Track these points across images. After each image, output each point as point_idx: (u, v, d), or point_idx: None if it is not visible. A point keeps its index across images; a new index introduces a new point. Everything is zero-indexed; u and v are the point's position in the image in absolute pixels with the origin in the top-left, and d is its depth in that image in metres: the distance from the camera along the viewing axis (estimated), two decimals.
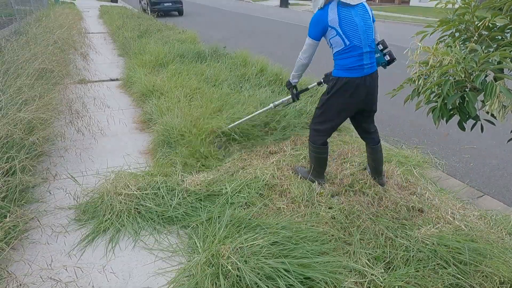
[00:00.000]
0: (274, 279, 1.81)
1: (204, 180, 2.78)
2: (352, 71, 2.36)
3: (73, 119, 3.86)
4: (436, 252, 2.06)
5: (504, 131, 4.01)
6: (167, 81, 4.82)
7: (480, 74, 1.38)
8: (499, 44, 1.50)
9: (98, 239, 2.31)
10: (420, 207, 2.55)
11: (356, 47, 2.32)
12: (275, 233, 2.14)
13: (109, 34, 10.46)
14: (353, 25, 2.29)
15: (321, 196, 2.66)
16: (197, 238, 2.25)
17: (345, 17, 2.27)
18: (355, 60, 2.34)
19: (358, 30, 2.30)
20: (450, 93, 1.46)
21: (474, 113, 1.47)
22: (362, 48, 2.33)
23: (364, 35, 2.33)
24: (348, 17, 2.28)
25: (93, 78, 5.80)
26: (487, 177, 3.31)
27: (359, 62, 2.35)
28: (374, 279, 1.92)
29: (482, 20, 1.53)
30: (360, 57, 2.34)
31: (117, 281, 2.01)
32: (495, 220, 2.46)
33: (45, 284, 1.96)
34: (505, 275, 1.90)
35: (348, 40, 2.30)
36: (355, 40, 2.31)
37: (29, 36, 6.09)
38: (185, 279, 1.95)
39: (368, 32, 2.35)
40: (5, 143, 2.71)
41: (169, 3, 16.31)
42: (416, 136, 4.14)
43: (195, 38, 8.30)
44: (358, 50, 2.33)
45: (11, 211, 2.28)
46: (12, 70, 3.99)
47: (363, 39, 2.33)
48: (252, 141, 3.47)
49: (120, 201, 2.51)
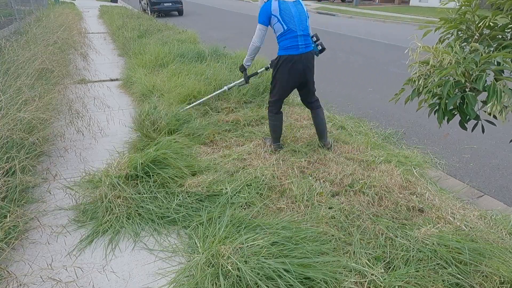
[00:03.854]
0: (274, 279, 1.81)
1: (205, 181, 2.79)
2: (290, 49, 3.00)
3: (73, 119, 3.86)
4: (436, 252, 2.06)
5: (504, 131, 4.01)
6: (167, 81, 4.82)
7: (480, 75, 1.38)
8: (500, 44, 1.50)
9: (98, 239, 2.31)
10: (420, 207, 2.55)
11: (291, 31, 2.97)
12: (275, 233, 2.14)
13: (109, 34, 10.46)
14: (289, 14, 2.96)
15: (321, 196, 2.66)
16: (197, 238, 2.25)
17: (284, 8, 2.95)
18: (292, 41, 2.99)
19: (294, 17, 2.97)
20: (451, 94, 1.46)
21: (473, 115, 1.47)
22: (297, 31, 2.98)
23: (298, 22, 2.98)
24: (286, 8, 2.95)
25: (93, 78, 5.80)
26: (487, 177, 3.30)
27: (295, 42, 3.00)
28: (374, 279, 1.92)
29: (483, 19, 1.53)
30: (295, 39, 2.99)
31: (117, 281, 2.01)
32: (495, 220, 2.46)
33: (45, 284, 1.96)
34: (505, 275, 1.90)
35: (286, 25, 2.96)
36: (291, 25, 2.96)
37: (29, 36, 6.09)
38: (185, 279, 1.95)
39: (302, 19, 3.02)
40: (5, 143, 2.71)
41: (169, 3, 16.31)
42: (416, 136, 4.14)
43: (195, 38, 8.30)
44: (293, 33, 2.98)
45: (11, 211, 2.28)
46: (12, 70, 3.99)
47: (298, 25, 2.98)
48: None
49: (119, 203, 2.51)
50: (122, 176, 2.72)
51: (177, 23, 11.42)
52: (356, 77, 6.69)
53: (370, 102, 5.30)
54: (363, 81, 6.40)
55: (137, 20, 10.97)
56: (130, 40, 7.97)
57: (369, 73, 6.99)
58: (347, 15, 17.82)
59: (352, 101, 5.32)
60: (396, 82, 6.14)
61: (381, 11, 19.01)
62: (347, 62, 7.89)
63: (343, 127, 4.00)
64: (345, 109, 4.92)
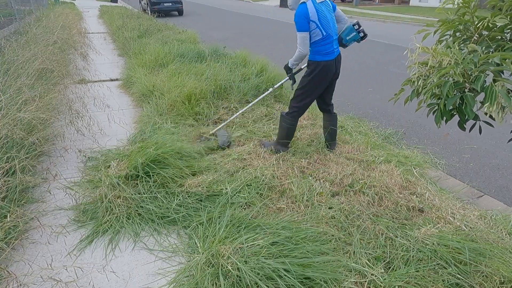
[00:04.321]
0: (274, 279, 1.81)
1: (205, 181, 2.79)
2: (328, 55, 2.96)
3: (73, 119, 3.86)
4: (436, 252, 2.06)
5: (503, 131, 4.01)
6: (166, 81, 4.82)
7: (479, 76, 1.38)
8: (499, 45, 1.50)
9: (98, 239, 2.31)
10: (420, 207, 2.56)
11: (329, 36, 2.91)
12: (275, 233, 2.14)
13: (109, 34, 10.46)
14: (326, 18, 2.87)
15: (321, 196, 2.66)
16: (197, 238, 2.25)
17: (320, 12, 2.83)
18: (329, 47, 2.94)
19: (329, 22, 2.90)
20: (450, 94, 1.46)
21: (472, 116, 1.47)
22: (333, 36, 2.96)
23: (333, 26, 2.95)
24: (321, 12, 2.84)
25: (93, 78, 5.81)
26: (487, 177, 3.31)
27: (331, 48, 2.96)
28: (374, 279, 1.92)
29: (482, 20, 1.53)
30: (331, 44, 2.96)
31: (117, 281, 2.01)
32: (495, 220, 2.46)
33: (46, 284, 1.96)
34: (505, 275, 1.90)
35: (324, 31, 2.87)
36: (329, 30, 2.90)
37: (29, 36, 6.09)
38: (185, 279, 1.95)
39: (334, 22, 2.99)
40: (5, 143, 2.71)
41: (169, 3, 16.31)
42: (416, 136, 4.14)
43: (195, 38, 8.30)
44: (330, 38, 2.93)
45: (11, 211, 2.28)
46: (12, 70, 3.99)
47: (333, 29, 2.95)
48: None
49: (119, 204, 2.51)
50: (122, 176, 2.73)
51: (177, 23, 11.43)
52: (356, 77, 6.69)
53: (370, 102, 5.30)
54: (363, 81, 6.40)
55: (137, 20, 10.97)
56: (130, 40, 7.96)
57: (369, 73, 6.99)
58: (347, 15, 17.66)
59: (352, 101, 5.32)
60: (396, 82, 6.14)
61: (381, 11, 19.01)
62: (347, 62, 7.87)
63: (343, 127, 4.00)
64: (345, 109, 4.92)
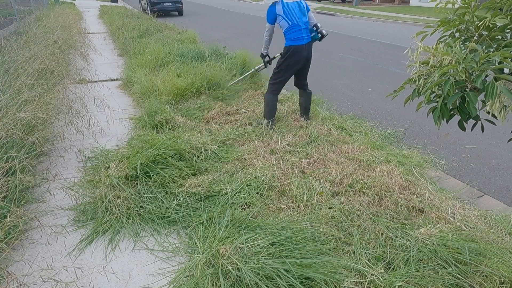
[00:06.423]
0: (274, 279, 1.81)
1: (205, 181, 2.79)
2: (297, 40, 3.68)
3: (73, 119, 3.86)
4: (436, 252, 2.06)
5: (504, 131, 4.01)
6: (168, 81, 4.82)
7: (480, 74, 1.38)
8: (500, 44, 1.50)
9: (98, 239, 2.31)
10: (420, 207, 2.55)
11: (296, 25, 3.65)
12: (275, 233, 2.14)
13: (109, 34, 10.46)
14: (292, 12, 3.65)
15: (321, 196, 2.66)
16: (197, 238, 2.25)
17: (287, 8, 3.64)
18: (298, 34, 3.67)
19: (296, 14, 3.66)
20: (451, 93, 1.46)
21: (474, 113, 1.47)
22: (301, 26, 3.67)
23: (300, 18, 3.68)
24: (289, 8, 3.64)
25: (93, 78, 5.81)
26: (487, 177, 3.31)
27: (301, 34, 3.68)
28: (374, 279, 1.92)
29: (482, 20, 1.52)
30: (300, 32, 3.67)
31: (117, 281, 2.01)
32: (495, 220, 2.46)
33: (46, 284, 1.96)
34: (505, 275, 1.90)
35: (290, 21, 3.64)
36: (295, 20, 3.65)
37: (29, 36, 6.09)
38: (185, 279, 1.95)
39: (303, 16, 3.71)
40: (5, 143, 2.71)
41: (169, 3, 16.31)
42: (416, 136, 4.14)
43: (195, 38, 8.30)
44: (298, 27, 3.66)
45: (11, 211, 2.28)
46: (12, 70, 3.99)
47: (300, 20, 3.67)
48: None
49: (119, 204, 2.51)
50: (122, 176, 2.72)
51: (177, 23, 11.42)
52: (356, 77, 6.69)
53: (370, 102, 5.30)
54: (363, 81, 6.40)
55: (137, 20, 10.98)
56: (130, 40, 7.97)
57: (369, 73, 6.98)
58: (347, 15, 17.81)
59: (352, 101, 5.32)
60: (396, 82, 6.14)
61: (381, 11, 19.01)
62: (347, 62, 7.88)
63: (343, 127, 4.01)
64: (345, 109, 4.92)
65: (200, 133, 3.73)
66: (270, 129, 3.85)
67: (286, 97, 4.87)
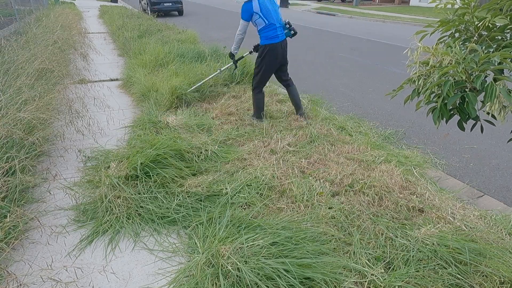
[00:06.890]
0: (274, 279, 1.81)
1: (205, 181, 2.79)
2: (273, 39, 3.74)
3: (73, 119, 3.86)
4: (436, 252, 2.06)
5: (503, 131, 4.01)
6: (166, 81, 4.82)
7: (480, 75, 1.38)
8: (499, 45, 1.50)
9: (98, 239, 2.31)
10: (420, 207, 2.55)
11: (272, 24, 3.70)
12: (275, 233, 2.14)
13: (109, 34, 10.45)
14: (268, 10, 3.67)
15: (321, 196, 2.66)
16: (197, 238, 2.25)
17: (263, 6, 3.64)
18: (273, 32, 3.73)
19: (271, 13, 3.69)
20: (450, 94, 1.46)
21: (474, 114, 1.47)
22: (276, 24, 3.72)
23: (275, 16, 3.73)
24: (265, 6, 3.65)
25: (93, 78, 5.81)
26: (487, 177, 3.31)
27: (276, 33, 3.74)
28: (374, 279, 1.92)
29: (482, 20, 1.52)
30: (275, 30, 3.73)
31: (117, 281, 2.01)
32: (495, 220, 2.46)
33: (45, 284, 1.96)
34: (505, 275, 1.90)
35: (267, 20, 3.67)
36: (271, 19, 3.68)
37: (29, 36, 6.09)
38: (185, 279, 1.95)
39: (277, 13, 3.78)
40: (5, 143, 2.71)
41: (169, 3, 16.31)
42: (416, 136, 4.14)
43: (195, 38, 8.30)
44: (273, 26, 3.71)
45: (11, 211, 2.28)
46: (12, 70, 3.99)
47: (275, 19, 3.72)
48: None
49: (119, 204, 2.51)
50: (122, 176, 2.73)
51: (177, 23, 11.42)
52: (356, 77, 6.69)
53: (370, 102, 5.30)
54: (363, 81, 6.39)
55: (137, 20, 10.97)
56: (130, 40, 7.97)
57: (369, 73, 6.98)
58: (347, 15, 17.81)
59: (352, 101, 5.32)
60: (396, 82, 6.14)
61: (381, 11, 19.01)
62: (347, 62, 7.88)
63: (343, 127, 4.01)
64: (345, 109, 4.92)
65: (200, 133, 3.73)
66: (261, 122, 4.00)
67: (286, 97, 4.86)
